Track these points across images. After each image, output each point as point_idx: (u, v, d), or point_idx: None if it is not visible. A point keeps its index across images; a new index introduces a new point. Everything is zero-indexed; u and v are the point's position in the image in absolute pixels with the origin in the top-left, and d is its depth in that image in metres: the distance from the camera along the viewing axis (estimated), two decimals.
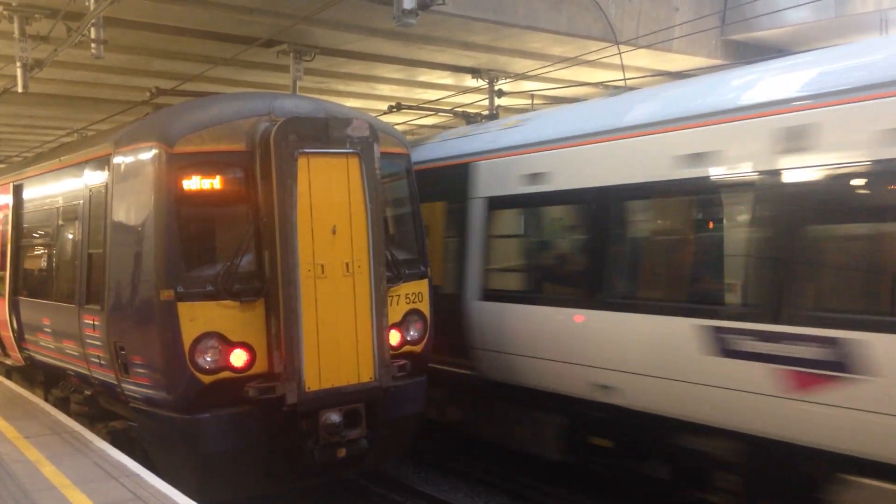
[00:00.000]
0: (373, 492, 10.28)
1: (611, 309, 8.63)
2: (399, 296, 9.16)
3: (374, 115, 11.63)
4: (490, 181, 10.30)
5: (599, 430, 9.22)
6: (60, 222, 10.77)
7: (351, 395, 8.23)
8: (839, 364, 6.65)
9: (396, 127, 12.00)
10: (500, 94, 17.40)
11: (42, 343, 11.27)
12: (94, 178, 9.58)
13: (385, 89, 19.27)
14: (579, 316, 8.98)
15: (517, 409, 10.22)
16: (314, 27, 13.76)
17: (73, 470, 7.80)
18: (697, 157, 7.81)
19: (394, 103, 14.85)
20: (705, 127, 7.80)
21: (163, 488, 7.30)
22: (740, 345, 7.36)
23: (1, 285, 12.93)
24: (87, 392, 10.22)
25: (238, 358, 8.05)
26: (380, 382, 8.38)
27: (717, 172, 7.67)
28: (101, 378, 9.29)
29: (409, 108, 15.47)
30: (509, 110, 19.41)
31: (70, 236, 10.41)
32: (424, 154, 11.65)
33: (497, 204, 10.25)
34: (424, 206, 10.31)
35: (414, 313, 9.33)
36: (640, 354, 8.31)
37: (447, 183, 11.01)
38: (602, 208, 8.84)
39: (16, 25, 12.34)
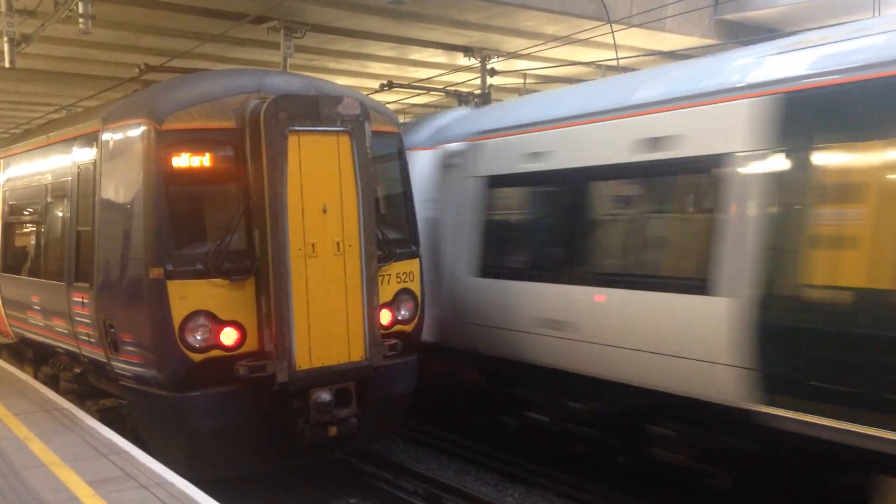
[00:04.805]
0: (363, 470, 10.30)
1: None
2: (390, 275, 9.13)
3: (365, 93, 11.54)
4: None
5: None
6: (49, 199, 10.69)
7: (341, 373, 8.23)
8: None
9: (388, 105, 11.93)
10: (493, 72, 17.30)
11: (31, 320, 11.23)
12: (83, 154, 9.49)
13: (377, 67, 19.15)
14: None
15: None
16: (305, 3, 13.63)
17: (62, 447, 7.79)
18: None
19: (385, 82, 14.75)
20: None
21: (152, 466, 7.30)
22: None
23: None
24: (77, 370, 10.19)
25: (228, 336, 8.02)
26: (370, 361, 8.38)
27: None
28: (91, 356, 9.26)
29: (401, 86, 15.36)
30: (502, 90, 19.33)
31: (59, 213, 10.33)
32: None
33: None
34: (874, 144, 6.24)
35: (405, 293, 9.31)
36: None
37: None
38: None
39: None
